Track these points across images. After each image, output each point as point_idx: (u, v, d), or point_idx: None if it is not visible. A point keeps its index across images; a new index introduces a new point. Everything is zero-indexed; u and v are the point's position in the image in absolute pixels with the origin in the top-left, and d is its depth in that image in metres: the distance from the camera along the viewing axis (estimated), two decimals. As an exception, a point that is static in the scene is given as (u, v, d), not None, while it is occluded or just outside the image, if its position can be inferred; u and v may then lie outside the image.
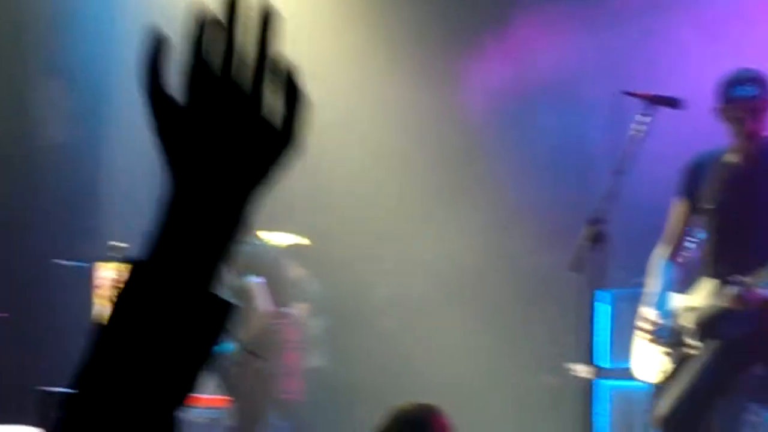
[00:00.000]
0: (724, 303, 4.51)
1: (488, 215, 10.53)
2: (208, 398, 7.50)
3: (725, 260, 4.73)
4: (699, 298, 4.73)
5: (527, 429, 9.81)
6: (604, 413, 9.69)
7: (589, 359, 4.30)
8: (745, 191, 4.72)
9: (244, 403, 6.61)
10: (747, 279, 4.45)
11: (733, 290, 4.47)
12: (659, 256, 4.93)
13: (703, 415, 4.53)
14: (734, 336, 4.54)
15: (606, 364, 9.72)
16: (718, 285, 4.65)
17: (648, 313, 4.84)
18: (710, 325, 4.61)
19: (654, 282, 4.89)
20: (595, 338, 9.67)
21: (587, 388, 4.32)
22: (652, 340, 4.87)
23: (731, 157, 4.79)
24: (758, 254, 4.58)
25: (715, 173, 4.82)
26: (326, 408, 10.43)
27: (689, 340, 4.68)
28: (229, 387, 6.83)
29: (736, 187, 4.76)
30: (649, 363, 4.86)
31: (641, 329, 4.88)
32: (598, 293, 9.69)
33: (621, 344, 9.31)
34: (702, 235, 4.87)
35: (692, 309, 4.74)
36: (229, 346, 7.07)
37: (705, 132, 5.05)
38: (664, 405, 4.52)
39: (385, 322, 11.35)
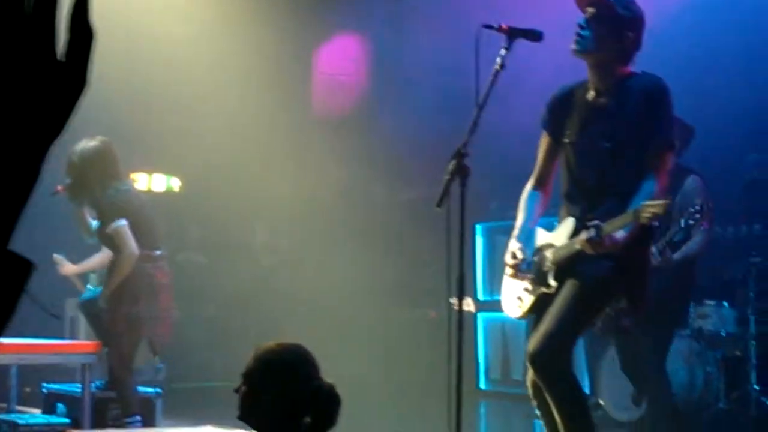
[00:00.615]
0: (578, 245, 4.52)
1: (365, 150, 10.50)
2: (82, 343, 7.37)
3: (581, 198, 4.73)
4: (558, 235, 4.74)
5: (404, 363, 9.89)
6: (483, 345, 9.85)
7: (469, 292, 4.30)
8: (601, 128, 4.71)
9: (116, 346, 6.53)
10: (602, 224, 4.46)
11: (587, 234, 4.48)
12: (527, 189, 4.94)
13: (566, 352, 4.58)
14: (590, 277, 4.59)
15: (483, 296, 9.88)
16: (574, 224, 4.65)
17: (513, 246, 4.85)
18: (566, 265, 4.63)
19: (521, 216, 4.90)
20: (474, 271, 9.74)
21: (467, 321, 4.32)
22: (513, 275, 4.87)
23: (590, 93, 4.78)
24: (612, 194, 4.57)
25: (575, 108, 4.81)
26: (202, 349, 10.36)
27: (548, 278, 4.70)
28: (99, 332, 6.78)
29: (592, 123, 4.74)
30: (512, 298, 4.88)
31: (506, 263, 4.88)
32: (474, 226, 9.94)
33: (496, 276, 9.47)
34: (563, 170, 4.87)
35: (551, 246, 4.75)
36: (97, 291, 6.92)
37: (570, 65, 5.03)
38: (531, 343, 4.55)
39: (263, 261, 11.28)
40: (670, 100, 4.62)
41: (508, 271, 4.84)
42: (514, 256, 4.80)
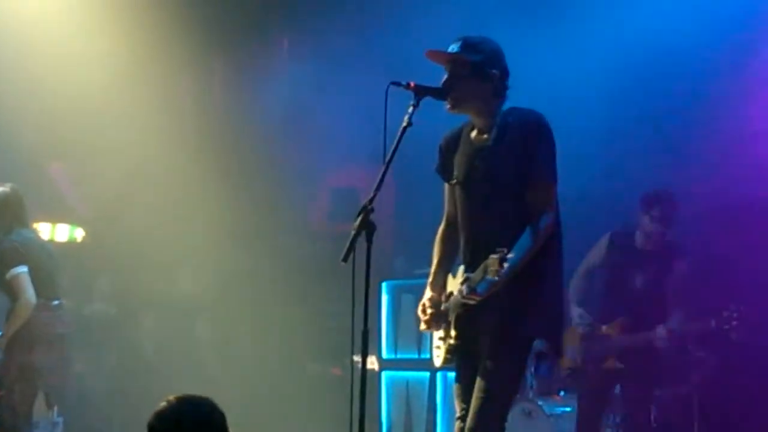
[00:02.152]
0: (462, 299, 4.57)
1: (266, 207, 10.47)
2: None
3: (470, 242, 4.76)
4: (455, 284, 4.76)
5: (310, 420, 9.80)
6: (386, 403, 9.80)
7: (365, 351, 4.26)
8: (482, 168, 4.74)
9: (8, 396, 6.39)
10: (471, 276, 4.49)
11: (462, 288, 4.53)
12: (439, 231, 4.97)
13: (503, 421, 4.60)
14: (475, 331, 4.63)
15: (387, 354, 9.85)
16: (463, 273, 4.68)
17: (425, 296, 4.85)
18: (465, 316, 4.67)
19: (434, 260, 4.93)
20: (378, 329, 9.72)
21: (370, 379, 4.30)
22: (425, 329, 4.88)
23: (473, 132, 4.83)
24: (493, 239, 4.56)
25: (461, 148, 4.85)
26: (103, 402, 10.15)
27: (450, 330, 4.73)
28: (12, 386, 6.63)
29: (474, 164, 4.78)
30: (433, 346, 4.90)
31: (418, 315, 4.89)
32: (380, 284, 9.94)
33: (401, 335, 9.47)
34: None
35: (450, 294, 4.78)
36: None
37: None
38: (468, 420, 4.57)
39: (157, 317, 11.11)
40: (549, 133, 4.66)
41: (421, 325, 4.85)
42: (423, 311, 4.81)
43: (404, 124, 4.50)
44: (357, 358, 4.44)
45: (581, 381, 7.36)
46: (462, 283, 4.54)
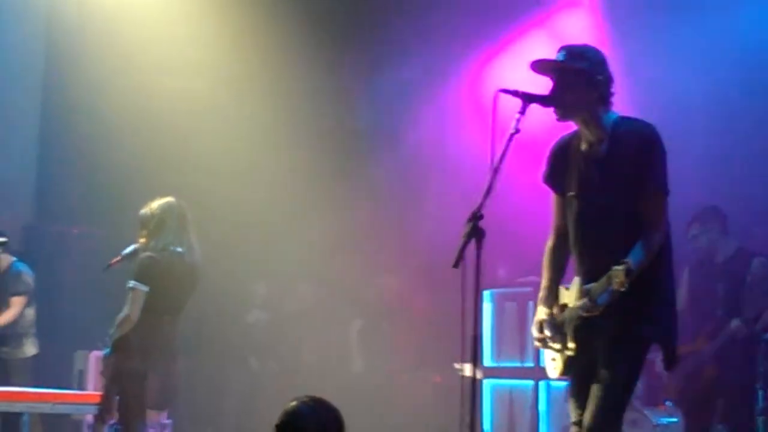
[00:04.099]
0: (581, 312, 4.62)
1: (374, 212, 10.53)
2: (92, 394, 7.39)
3: (584, 255, 4.78)
4: (570, 296, 4.78)
5: (413, 428, 9.84)
6: (489, 411, 9.80)
7: (475, 358, 4.30)
8: (596, 181, 4.76)
9: (122, 400, 6.56)
10: (591, 289, 4.55)
11: (581, 303, 4.58)
12: (548, 246, 4.98)
13: (620, 422, 4.64)
14: (592, 339, 4.67)
15: (490, 362, 9.84)
16: (579, 285, 4.72)
17: (539, 315, 4.88)
18: (582, 327, 4.70)
19: (545, 276, 4.94)
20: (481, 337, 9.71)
21: (473, 387, 4.33)
22: (540, 346, 4.92)
23: (583, 144, 4.84)
24: (609, 250, 4.60)
25: (572, 160, 4.86)
26: (203, 403, 10.34)
27: (567, 341, 4.75)
28: (107, 386, 6.82)
29: (588, 176, 4.80)
30: (548, 359, 4.93)
31: (533, 335, 4.92)
32: (483, 292, 9.88)
33: (503, 343, 9.46)
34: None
35: (567, 307, 4.80)
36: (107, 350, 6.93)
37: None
38: (586, 417, 4.62)
39: (261, 315, 11.24)
40: (661, 145, 4.66)
41: (536, 343, 4.89)
42: (540, 329, 4.83)
43: (511, 131, 4.54)
44: (458, 366, 4.48)
45: (686, 397, 7.46)
46: (581, 296, 4.60)
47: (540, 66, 4.76)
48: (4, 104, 10.35)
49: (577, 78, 4.69)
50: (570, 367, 4.79)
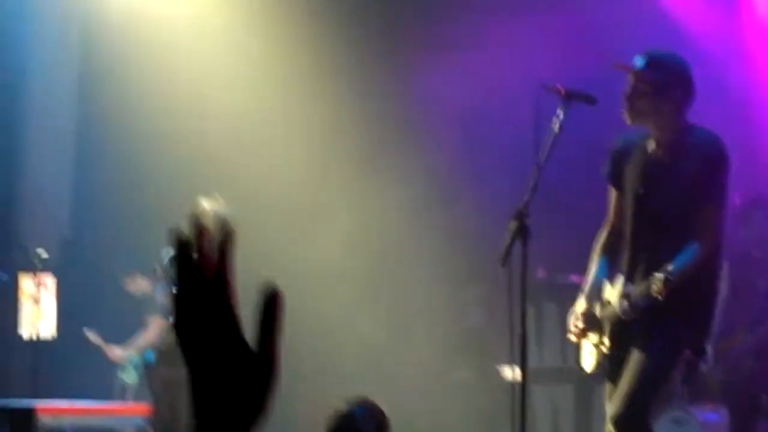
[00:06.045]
0: (618, 312, 4.64)
1: (416, 206, 10.46)
2: (136, 406, 7.42)
3: (633, 252, 4.78)
4: (613, 293, 4.78)
5: (455, 428, 9.81)
6: (530, 412, 9.75)
7: (517, 358, 4.31)
8: (657, 183, 4.76)
9: (163, 410, 6.60)
10: (632, 292, 4.56)
11: (620, 304, 4.59)
12: (602, 237, 4.97)
13: (647, 413, 4.65)
14: (629, 338, 4.67)
15: (531, 363, 9.79)
16: (622, 284, 4.72)
17: (579, 308, 4.87)
18: (613, 328, 4.71)
19: (592, 269, 4.93)
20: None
21: (515, 388, 4.32)
22: (577, 336, 4.90)
23: (650, 145, 4.82)
24: (655, 252, 4.61)
25: (635, 159, 4.85)
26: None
27: (604, 338, 4.76)
28: (150, 395, 6.86)
29: (649, 177, 4.79)
30: (585, 352, 4.93)
31: (568, 328, 4.92)
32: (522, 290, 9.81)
33: (545, 343, 9.40)
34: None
35: (608, 303, 4.80)
36: (150, 356, 6.98)
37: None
38: (613, 405, 4.63)
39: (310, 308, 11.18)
40: (726, 162, 4.65)
41: (570, 336, 4.89)
42: (576, 323, 4.82)
43: (554, 128, 4.52)
44: (501, 367, 4.47)
45: (729, 393, 7.41)
46: (622, 298, 4.61)
47: (621, 69, 4.77)
48: (40, 114, 10.39)
49: (651, 88, 4.68)
50: (603, 363, 4.79)
